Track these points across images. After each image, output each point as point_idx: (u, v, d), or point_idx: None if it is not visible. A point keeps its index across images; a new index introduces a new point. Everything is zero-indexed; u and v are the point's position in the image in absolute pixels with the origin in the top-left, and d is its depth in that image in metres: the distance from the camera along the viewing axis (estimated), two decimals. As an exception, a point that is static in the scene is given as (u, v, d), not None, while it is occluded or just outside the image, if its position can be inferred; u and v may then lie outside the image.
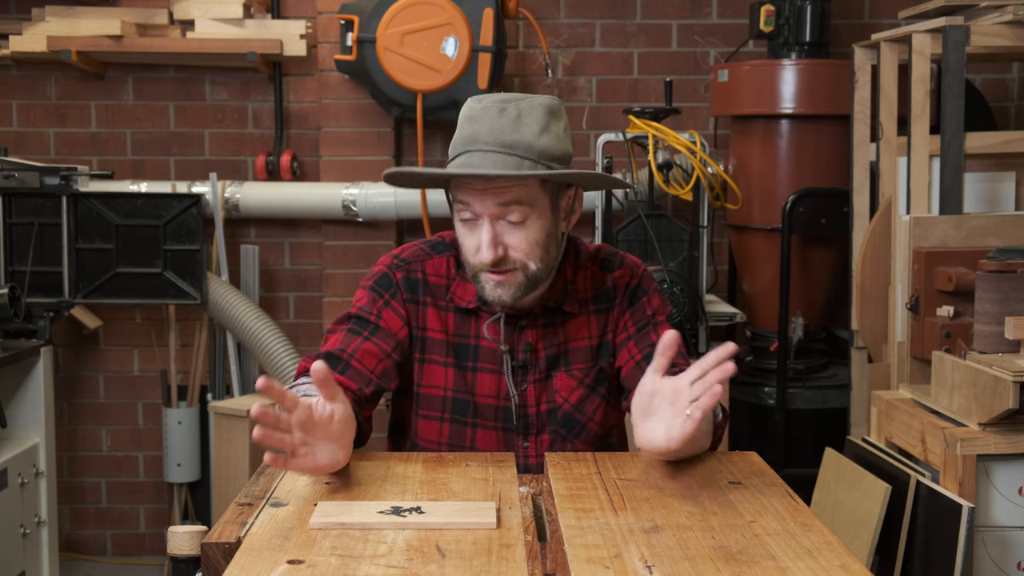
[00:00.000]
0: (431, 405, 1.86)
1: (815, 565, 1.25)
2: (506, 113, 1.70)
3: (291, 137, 3.86)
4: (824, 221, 3.34)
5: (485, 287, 1.75)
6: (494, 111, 1.71)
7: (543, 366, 1.85)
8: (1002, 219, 2.69)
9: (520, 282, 1.74)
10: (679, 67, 3.83)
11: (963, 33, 2.72)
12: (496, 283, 1.74)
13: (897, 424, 2.57)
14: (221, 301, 3.56)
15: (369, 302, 1.84)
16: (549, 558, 1.30)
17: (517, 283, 1.74)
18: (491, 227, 1.71)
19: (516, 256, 1.73)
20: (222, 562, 1.30)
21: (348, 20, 3.48)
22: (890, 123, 3.04)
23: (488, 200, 1.70)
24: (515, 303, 1.77)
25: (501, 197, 1.69)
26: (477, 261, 1.73)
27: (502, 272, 1.73)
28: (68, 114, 3.87)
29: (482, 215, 1.71)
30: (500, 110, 1.70)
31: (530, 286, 1.76)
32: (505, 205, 1.70)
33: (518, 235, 1.72)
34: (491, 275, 1.74)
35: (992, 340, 2.33)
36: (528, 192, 1.71)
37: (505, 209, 1.70)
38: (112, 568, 3.92)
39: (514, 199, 1.70)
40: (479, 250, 1.72)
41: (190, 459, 3.79)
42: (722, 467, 1.64)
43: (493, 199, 1.69)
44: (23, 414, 3.26)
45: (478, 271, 1.75)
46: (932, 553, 2.33)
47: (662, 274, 3.12)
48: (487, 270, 1.73)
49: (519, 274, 1.74)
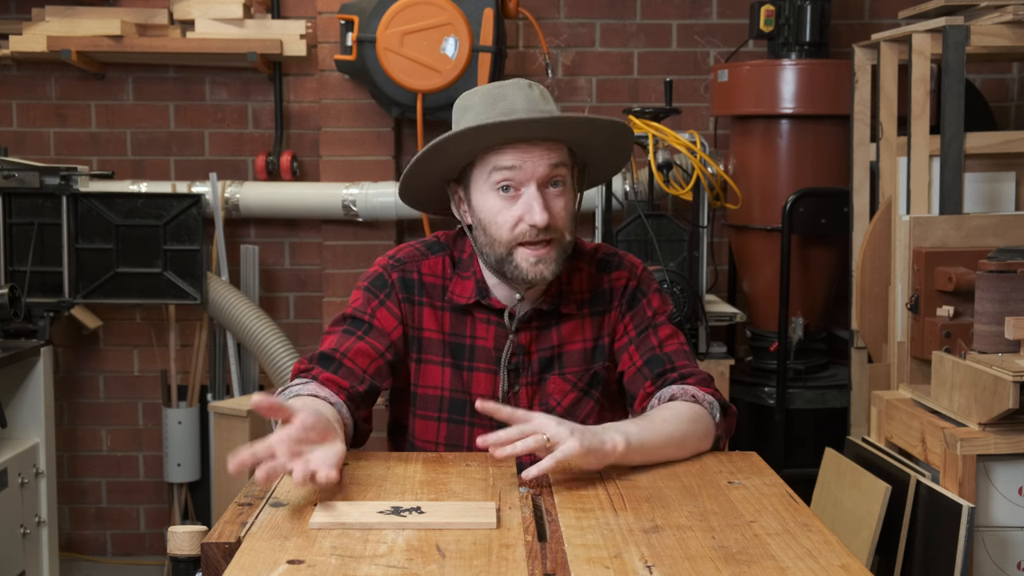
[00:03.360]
0: (428, 405, 1.85)
1: (815, 565, 1.25)
2: (533, 88, 1.76)
3: (291, 137, 3.86)
4: (824, 221, 3.34)
5: (522, 266, 1.73)
6: (522, 85, 1.76)
7: (536, 368, 1.85)
8: (1002, 219, 2.69)
9: (558, 254, 1.74)
10: (679, 67, 3.83)
11: (963, 33, 2.72)
12: (537, 258, 1.72)
13: (897, 424, 2.57)
14: (221, 301, 3.56)
15: (364, 302, 1.84)
16: (549, 558, 1.30)
17: (555, 256, 1.73)
18: (539, 192, 1.71)
19: (558, 224, 1.73)
20: (222, 562, 1.30)
21: (348, 20, 3.48)
22: (890, 123, 3.04)
23: (540, 160, 1.70)
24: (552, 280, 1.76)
25: (550, 157, 1.71)
26: (520, 230, 1.71)
27: (543, 244, 1.72)
28: (68, 114, 3.87)
29: (529, 180, 1.70)
30: (527, 85, 1.76)
31: (561, 261, 1.75)
32: (554, 167, 1.71)
33: (560, 203, 1.73)
34: (530, 250, 1.72)
35: (992, 340, 2.33)
36: (567, 158, 1.74)
37: (553, 171, 1.71)
38: (112, 568, 3.92)
39: (560, 161, 1.72)
40: (523, 218, 1.70)
41: (190, 459, 3.79)
42: (722, 467, 1.64)
43: (545, 159, 1.70)
44: (23, 414, 3.26)
45: (515, 246, 1.73)
46: (932, 553, 2.33)
47: (662, 274, 3.12)
48: (527, 242, 1.71)
49: (556, 245, 1.73)
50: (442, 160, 1.77)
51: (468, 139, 1.70)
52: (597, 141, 1.78)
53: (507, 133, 1.69)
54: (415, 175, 1.80)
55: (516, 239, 1.72)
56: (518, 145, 1.70)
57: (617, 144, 1.83)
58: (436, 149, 1.72)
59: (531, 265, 1.73)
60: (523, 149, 1.70)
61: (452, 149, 1.73)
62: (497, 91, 1.75)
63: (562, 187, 1.74)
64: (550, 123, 1.69)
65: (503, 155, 1.71)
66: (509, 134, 1.69)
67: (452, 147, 1.73)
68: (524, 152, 1.70)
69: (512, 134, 1.70)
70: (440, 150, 1.73)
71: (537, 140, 1.71)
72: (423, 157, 1.74)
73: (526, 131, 1.69)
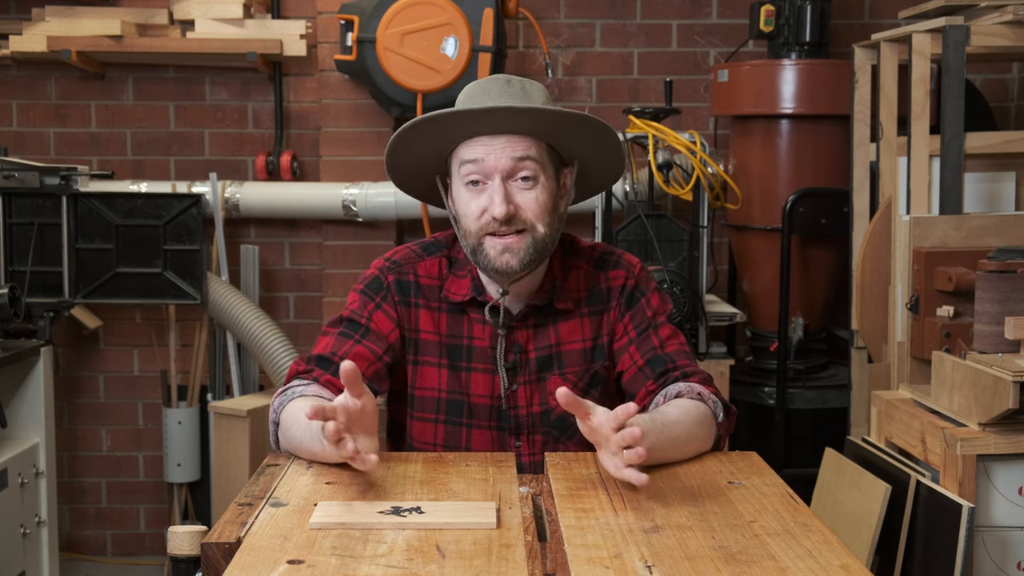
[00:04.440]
0: (425, 407, 1.85)
1: (815, 565, 1.25)
2: (512, 84, 1.75)
3: (291, 137, 3.86)
4: (824, 221, 3.34)
5: (490, 254, 1.73)
6: (501, 82, 1.75)
7: (533, 367, 1.84)
8: (1002, 219, 2.69)
9: (528, 245, 1.73)
10: (679, 67, 3.83)
11: (963, 33, 2.72)
12: (504, 247, 1.72)
13: (897, 424, 2.57)
14: (221, 301, 3.56)
15: (360, 305, 1.85)
16: (549, 558, 1.30)
17: (525, 247, 1.72)
18: (502, 184, 1.71)
19: (526, 216, 1.72)
20: (222, 562, 1.30)
21: (348, 20, 3.48)
22: (890, 123, 3.04)
23: (502, 153, 1.70)
24: (522, 271, 1.74)
25: (515, 150, 1.70)
26: (484, 221, 1.72)
27: (510, 234, 1.71)
28: (68, 114, 3.87)
29: (493, 173, 1.70)
30: (506, 81, 1.75)
31: (537, 254, 1.74)
32: (519, 160, 1.70)
33: (528, 195, 1.72)
34: (498, 239, 1.72)
35: (992, 340, 2.33)
36: (539, 152, 1.73)
37: (519, 164, 1.71)
38: (112, 568, 3.92)
39: (526, 154, 1.71)
40: (487, 209, 1.71)
41: (190, 459, 3.79)
42: (722, 467, 1.64)
43: (508, 151, 1.70)
44: (23, 414, 3.26)
45: (483, 236, 1.73)
46: (932, 553, 2.33)
47: (662, 274, 3.12)
48: (494, 232, 1.72)
49: (527, 236, 1.73)
50: (417, 153, 1.79)
51: (431, 131, 1.72)
52: (579, 136, 1.77)
53: (471, 124, 1.70)
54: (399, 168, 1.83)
55: (483, 230, 1.73)
56: (482, 138, 1.71)
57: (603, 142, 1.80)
58: (400, 139, 1.75)
59: (498, 254, 1.73)
60: (486, 142, 1.71)
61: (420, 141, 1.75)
62: (478, 87, 1.76)
63: (532, 181, 1.72)
64: (510, 114, 1.68)
65: (470, 148, 1.72)
66: (472, 126, 1.70)
67: (418, 139, 1.75)
68: (487, 145, 1.71)
69: (475, 127, 1.70)
70: (404, 141, 1.75)
71: (502, 133, 1.71)
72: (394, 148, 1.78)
73: (488, 123, 1.70)
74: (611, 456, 1.48)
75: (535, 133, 1.73)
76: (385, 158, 1.82)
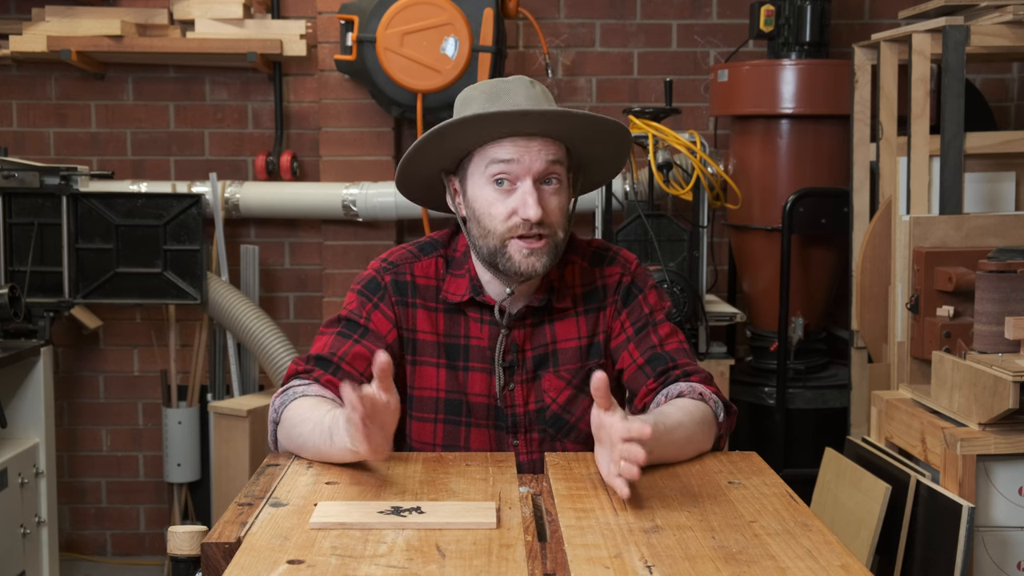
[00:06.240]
0: (424, 407, 1.85)
1: (815, 565, 1.25)
2: (535, 86, 1.77)
3: (291, 137, 3.86)
4: (824, 221, 3.35)
5: (515, 257, 1.73)
6: (524, 82, 1.77)
7: (530, 366, 1.84)
8: (1002, 219, 2.69)
9: (550, 249, 1.74)
10: (679, 67, 3.83)
11: (963, 33, 2.72)
12: (530, 251, 1.72)
13: (897, 424, 2.57)
14: (221, 301, 3.56)
15: (358, 305, 1.85)
16: (549, 558, 1.30)
17: (548, 251, 1.74)
18: (534, 187, 1.71)
19: (551, 221, 1.73)
20: (222, 562, 1.30)
21: (348, 20, 3.48)
22: (890, 123, 3.04)
23: (537, 155, 1.71)
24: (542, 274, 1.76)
25: (549, 153, 1.71)
26: (513, 223, 1.72)
27: (536, 238, 1.72)
28: (68, 114, 3.87)
29: (526, 175, 1.71)
30: (530, 83, 1.77)
31: (555, 258, 1.76)
32: (551, 163, 1.71)
33: (554, 200, 1.73)
34: (524, 243, 1.72)
35: (992, 340, 2.33)
36: (564, 156, 1.75)
37: (550, 168, 1.72)
38: (112, 568, 3.92)
39: (557, 157, 1.73)
40: (516, 211, 1.71)
41: (190, 459, 3.79)
42: (722, 467, 1.64)
43: (543, 154, 1.71)
44: (23, 414, 3.26)
45: (508, 238, 1.73)
46: (932, 553, 2.33)
47: (662, 274, 3.12)
48: (521, 235, 1.72)
49: (549, 241, 1.74)
50: (440, 150, 1.77)
51: (469, 128, 1.70)
52: (596, 141, 1.78)
53: (508, 125, 1.70)
54: (413, 163, 1.80)
55: (509, 232, 1.72)
56: (516, 139, 1.71)
57: (615, 146, 1.83)
58: (437, 136, 1.72)
59: (524, 257, 1.73)
60: (521, 143, 1.71)
61: (452, 139, 1.74)
62: (500, 86, 1.76)
63: (557, 185, 1.74)
64: (552, 116, 1.69)
65: (501, 148, 1.71)
66: (510, 126, 1.70)
67: (452, 136, 1.73)
68: (522, 146, 1.71)
69: (512, 126, 1.70)
70: (440, 138, 1.73)
71: (535, 135, 1.71)
72: (423, 144, 1.75)
73: (527, 124, 1.70)
74: (607, 459, 1.48)
75: (564, 137, 1.75)
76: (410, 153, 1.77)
